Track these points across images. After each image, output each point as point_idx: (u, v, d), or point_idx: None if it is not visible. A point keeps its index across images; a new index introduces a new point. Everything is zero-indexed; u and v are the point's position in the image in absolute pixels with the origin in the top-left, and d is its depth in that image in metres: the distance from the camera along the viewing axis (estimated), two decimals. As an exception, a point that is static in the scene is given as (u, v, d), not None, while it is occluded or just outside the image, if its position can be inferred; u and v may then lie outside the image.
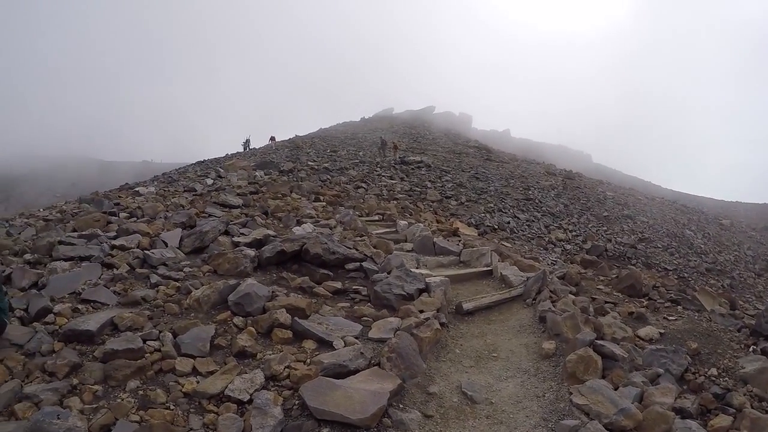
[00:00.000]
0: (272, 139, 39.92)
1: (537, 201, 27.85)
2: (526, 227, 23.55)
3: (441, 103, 78.78)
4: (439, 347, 6.86)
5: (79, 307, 6.97)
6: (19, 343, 5.91)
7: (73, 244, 9.51)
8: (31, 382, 5.15)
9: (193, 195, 16.30)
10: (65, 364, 5.32)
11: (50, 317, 6.55)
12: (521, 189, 29.59)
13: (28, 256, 9.17)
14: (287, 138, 44.27)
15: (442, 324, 7.24)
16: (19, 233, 11.85)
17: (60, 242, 9.59)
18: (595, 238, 24.33)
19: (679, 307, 8.74)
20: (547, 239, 22.78)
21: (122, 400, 4.86)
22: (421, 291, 8.11)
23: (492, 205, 25.07)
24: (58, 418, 4.19)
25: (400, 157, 31.57)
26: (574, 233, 24.56)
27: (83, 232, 10.45)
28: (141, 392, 5.02)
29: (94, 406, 4.77)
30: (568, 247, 22.60)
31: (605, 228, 26.46)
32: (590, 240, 23.90)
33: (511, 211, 25.05)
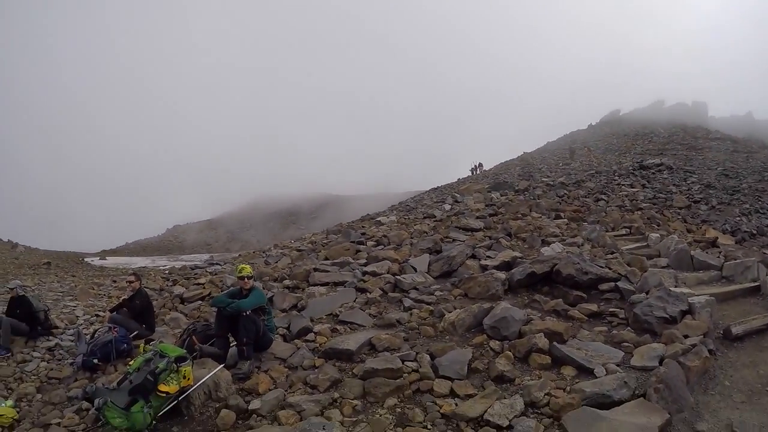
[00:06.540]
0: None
1: (801, 194, 22.86)
2: (792, 228, 19.44)
3: (670, 95, 70.88)
4: (706, 378, 5.81)
5: (337, 327, 7.56)
6: (282, 357, 6.61)
7: (327, 271, 10.48)
8: (293, 392, 5.62)
9: (434, 221, 16.91)
10: (327, 379, 5.71)
11: (311, 336, 7.25)
12: (780, 181, 24.74)
13: (287, 282, 10.32)
14: (516, 156, 44.05)
15: (710, 351, 6.19)
16: (276, 262, 13.51)
17: (315, 269, 10.63)
18: None
19: None
20: (821, 240, 18.44)
21: (380, 416, 4.96)
22: (684, 313, 7.09)
23: (747, 205, 21.55)
24: (323, 429, 4.39)
25: (638, 162, 29.12)
26: None
27: (335, 260, 11.46)
28: (399, 410, 5.08)
29: (354, 419, 4.94)
30: None
31: None
32: None
33: (771, 210, 21.04)
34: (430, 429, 4.73)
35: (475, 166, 41.74)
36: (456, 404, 5.09)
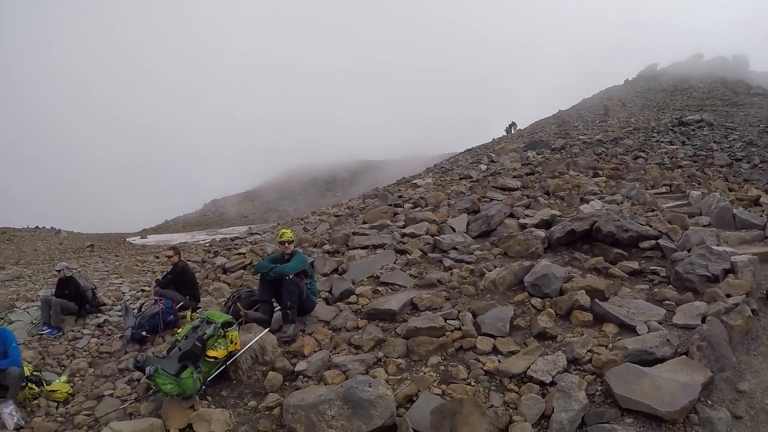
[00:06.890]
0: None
1: None
2: (839, 188, 18.62)
3: (709, 48, 67.64)
4: (749, 338, 5.66)
5: (379, 289, 7.66)
6: (325, 319, 6.76)
7: (366, 234, 10.56)
8: (338, 353, 5.77)
9: (471, 182, 16.85)
10: (370, 339, 5.84)
11: (353, 298, 7.37)
12: (826, 139, 23.61)
13: (326, 247, 10.47)
14: (551, 114, 43.35)
15: (753, 311, 6.04)
16: (315, 228, 13.71)
17: (354, 233, 10.72)
18: None
19: None
20: None
21: (424, 373, 5.05)
22: (726, 272, 6.89)
23: (792, 163, 20.67)
24: (370, 386, 4.49)
25: (677, 118, 28.29)
26: None
27: (374, 224, 11.54)
28: (442, 367, 5.17)
29: (398, 377, 5.06)
30: None
31: None
32: None
33: (817, 169, 20.16)
34: (473, 386, 4.79)
35: (510, 125, 41.24)
36: (499, 361, 5.15)
